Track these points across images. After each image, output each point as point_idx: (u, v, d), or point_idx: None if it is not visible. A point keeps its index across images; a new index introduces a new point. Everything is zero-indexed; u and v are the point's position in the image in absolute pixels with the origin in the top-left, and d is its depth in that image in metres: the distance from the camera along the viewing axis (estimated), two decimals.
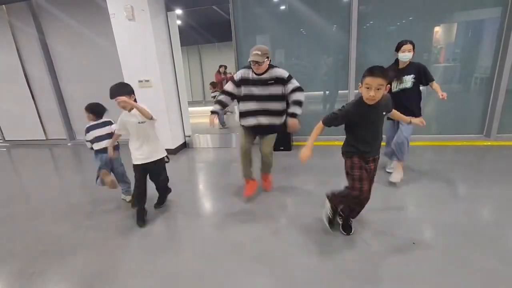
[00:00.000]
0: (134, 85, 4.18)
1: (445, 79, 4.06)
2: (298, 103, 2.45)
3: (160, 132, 3.38)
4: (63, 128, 5.73)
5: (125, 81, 4.19)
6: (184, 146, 4.91)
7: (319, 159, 3.75)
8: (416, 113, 2.71)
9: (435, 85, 2.75)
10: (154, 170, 2.54)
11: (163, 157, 2.56)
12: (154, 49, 4.02)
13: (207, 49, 11.18)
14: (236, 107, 2.76)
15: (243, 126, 2.69)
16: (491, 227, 2.17)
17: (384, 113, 1.85)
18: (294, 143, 4.50)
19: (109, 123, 2.79)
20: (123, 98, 2.19)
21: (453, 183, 2.88)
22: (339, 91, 4.41)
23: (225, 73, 7.53)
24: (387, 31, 4.01)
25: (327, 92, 4.50)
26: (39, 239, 2.43)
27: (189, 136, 4.95)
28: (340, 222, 2.23)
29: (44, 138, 5.98)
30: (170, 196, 2.99)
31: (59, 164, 4.83)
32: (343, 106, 1.85)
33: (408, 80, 2.73)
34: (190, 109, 4.99)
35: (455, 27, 3.89)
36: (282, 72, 2.48)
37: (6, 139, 6.24)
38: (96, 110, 2.77)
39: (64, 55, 5.30)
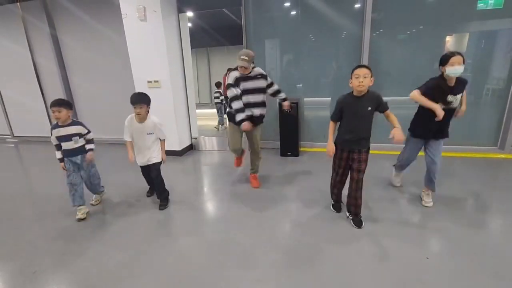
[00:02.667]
0: (143, 84, 4.23)
1: None
2: (278, 91, 3.07)
3: (167, 134, 3.39)
4: None
5: (135, 81, 4.27)
6: (191, 148, 4.90)
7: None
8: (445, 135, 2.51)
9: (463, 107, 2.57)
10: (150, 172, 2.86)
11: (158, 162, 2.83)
12: (165, 50, 4.03)
13: (216, 52, 11.24)
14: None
15: (233, 123, 2.94)
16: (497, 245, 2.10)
17: (369, 108, 2.13)
18: (302, 149, 4.46)
19: (77, 123, 2.67)
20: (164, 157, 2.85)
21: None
22: None
23: None
24: (398, 38, 3.97)
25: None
26: (43, 237, 2.42)
27: (196, 138, 4.94)
28: (351, 218, 2.42)
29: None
30: (175, 198, 2.97)
31: None
32: (336, 100, 2.25)
33: (457, 100, 2.38)
34: (197, 111, 4.99)
35: (467, 37, 3.84)
36: (260, 70, 2.94)
37: (14, 134, 6.31)
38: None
39: (75, 52, 5.34)
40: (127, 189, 3.32)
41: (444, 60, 2.27)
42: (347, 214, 2.45)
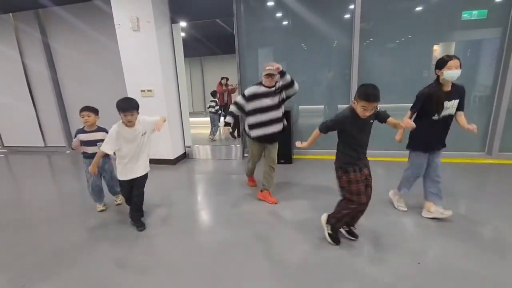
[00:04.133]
0: (137, 94, 4.23)
1: None
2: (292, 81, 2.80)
3: (161, 142, 3.39)
4: (62, 135, 5.71)
5: (128, 90, 4.27)
6: (184, 156, 4.89)
7: (321, 172, 3.74)
8: (444, 144, 2.45)
9: (462, 117, 2.37)
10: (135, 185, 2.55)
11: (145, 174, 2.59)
12: (158, 60, 4.06)
13: (209, 61, 11.33)
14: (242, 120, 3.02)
15: (253, 138, 2.91)
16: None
17: (371, 121, 2.01)
18: (295, 156, 4.48)
19: (102, 129, 2.84)
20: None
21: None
22: (340, 105, 4.43)
23: (226, 85, 7.58)
24: (387, 48, 4.08)
25: (327, 106, 4.53)
26: (33, 249, 2.37)
27: (189, 147, 4.93)
28: (346, 229, 2.30)
29: (43, 145, 5.95)
30: (168, 208, 2.94)
31: (56, 172, 4.77)
32: (336, 115, 2.05)
33: (453, 106, 2.30)
34: (191, 119, 4.99)
35: (453, 46, 3.96)
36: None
37: (4, 145, 6.20)
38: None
39: (68, 61, 5.33)
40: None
41: (441, 63, 2.21)
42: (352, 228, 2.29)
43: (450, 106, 2.28)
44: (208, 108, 6.35)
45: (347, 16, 4.05)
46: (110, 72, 4.91)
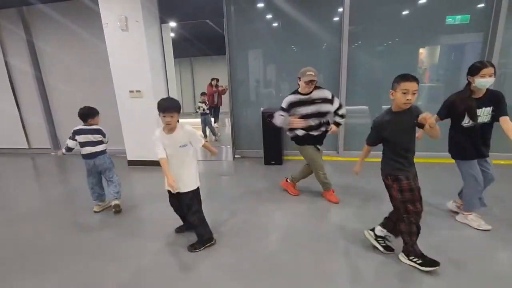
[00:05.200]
0: (125, 94, 4.17)
1: (430, 98, 4.21)
2: (344, 115, 2.85)
3: (150, 143, 3.31)
4: (47, 137, 5.56)
5: (116, 91, 4.20)
6: None
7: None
8: (487, 154, 2.28)
9: (507, 123, 2.11)
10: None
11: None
12: (147, 60, 4.01)
13: (200, 62, 11.29)
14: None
15: (307, 144, 2.86)
16: None
17: (414, 121, 1.79)
18: (285, 157, 4.50)
19: (102, 132, 2.86)
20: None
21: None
22: None
23: (217, 86, 7.56)
24: (375, 50, 4.16)
25: None
26: (17, 253, 2.29)
27: None
28: (382, 245, 2.07)
29: (27, 147, 5.77)
30: (158, 211, 2.90)
31: (41, 174, 4.64)
32: (373, 121, 1.95)
33: (487, 114, 2.16)
34: (181, 120, 4.94)
35: (438, 49, 4.08)
36: (327, 93, 2.78)
37: None
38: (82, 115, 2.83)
39: (53, 60, 5.19)
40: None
41: (474, 70, 2.10)
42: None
43: (482, 113, 2.15)
44: (198, 109, 6.29)
45: (336, 19, 4.11)
46: (98, 71, 4.82)
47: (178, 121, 2.11)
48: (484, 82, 2.07)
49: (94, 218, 2.86)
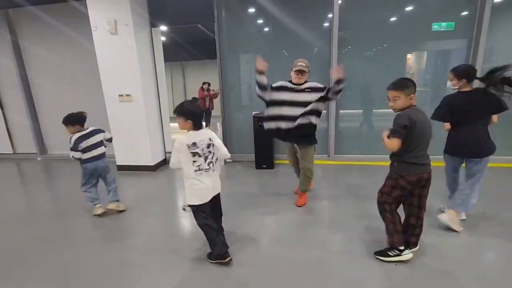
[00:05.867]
0: (115, 98, 4.11)
1: (417, 102, 4.26)
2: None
3: (140, 148, 3.31)
4: (33, 141, 5.41)
5: (105, 94, 4.13)
6: (165, 162, 4.77)
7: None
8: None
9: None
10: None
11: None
12: (137, 64, 3.97)
13: (191, 66, 11.25)
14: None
15: (266, 130, 2.79)
16: None
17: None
18: (276, 161, 4.50)
19: (100, 130, 2.88)
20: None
21: None
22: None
23: (208, 90, 7.55)
24: (364, 55, 4.24)
25: None
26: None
27: (170, 153, 4.82)
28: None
29: (11, 152, 5.60)
30: (148, 215, 2.85)
31: (26, 181, 4.50)
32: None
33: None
34: (172, 124, 4.90)
35: (425, 55, 4.19)
36: (317, 84, 2.75)
37: None
38: (81, 119, 2.78)
39: (40, 62, 5.07)
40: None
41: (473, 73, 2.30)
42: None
43: None
44: None
45: (326, 24, 4.17)
46: (87, 75, 4.73)
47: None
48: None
49: (83, 224, 2.79)
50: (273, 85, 2.79)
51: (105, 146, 2.91)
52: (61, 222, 2.87)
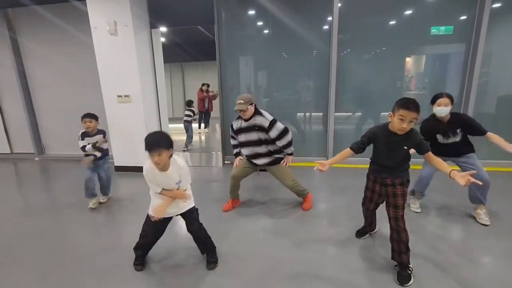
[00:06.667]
0: (113, 99, 4.10)
1: None
2: (288, 145, 2.72)
3: (138, 149, 3.29)
4: (31, 141, 5.38)
5: (104, 95, 4.12)
6: None
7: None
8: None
9: (493, 137, 2.32)
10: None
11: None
12: (136, 65, 3.96)
13: (190, 67, 11.25)
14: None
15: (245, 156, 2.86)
16: None
17: (405, 147, 1.81)
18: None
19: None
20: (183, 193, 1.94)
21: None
22: (318, 113, 4.54)
23: (207, 91, 7.55)
24: (363, 58, 4.25)
25: (307, 114, 4.62)
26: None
27: None
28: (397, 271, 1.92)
29: (9, 152, 5.58)
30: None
31: (23, 181, 4.47)
32: (368, 130, 1.97)
33: (457, 134, 2.44)
34: (171, 125, 4.90)
35: (424, 58, 4.21)
36: (263, 121, 2.64)
37: None
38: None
39: (38, 62, 5.05)
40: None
41: (433, 99, 2.43)
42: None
43: (452, 135, 2.44)
44: (185, 116, 6.14)
45: (326, 27, 4.18)
46: (86, 75, 4.72)
47: (171, 155, 1.88)
48: (439, 110, 2.38)
49: (80, 225, 2.77)
50: (234, 128, 2.85)
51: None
52: (55, 219, 2.86)
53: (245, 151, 2.81)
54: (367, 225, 2.35)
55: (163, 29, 4.50)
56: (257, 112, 2.69)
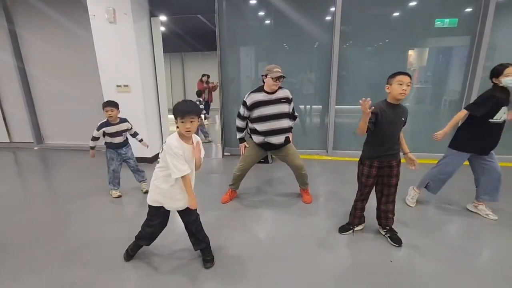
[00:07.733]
0: (112, 89, 4.06)
1: (418, 99, 4.29)
2: (294, 118, 2.85)
3: (137, 141, 3.30)
4: (30, 130, 5.36)
5: (102, 84, 4.08)
6: None
7: None
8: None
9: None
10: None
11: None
12: (135, 54, 3.91)
13: (191, 57, 11.13)
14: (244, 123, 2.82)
15: (255, 143, 2.76)
16: None
17: (403, 118, 2.01)
18: (273, 155, 4.49)
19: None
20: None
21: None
22: (319, 106, 4.51)
23: (207, 82, 7.49)
24: (366, 50, 4.19)
25: (307, 106, 4.59)
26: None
27: None
28: (388, 235, 2.23)
29: (8, 141, 5.56)
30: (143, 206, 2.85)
31: (22, 170, 4.47)
32: (373, 108, 1.93)
33: (504, 113, 2.32)
34: (170, 116, 4.86)
35: (427, 51, 4.15)
36: (288, 93, 2.71)
37: None
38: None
39: (37, 51, 4.97)
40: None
41: (499, 71, 2.25)
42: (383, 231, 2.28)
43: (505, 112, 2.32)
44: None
45: (328, 18, 4.11)
46: (84, 64, 4.66)
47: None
48: (509, 80, 2.20)
49: (82, 215, 2.78)
50: (247, 103, 2.64)
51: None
52: (55, 209, 2.87)
53: (264, 126, 2.61)
54: (355, 219, 2.33)
55: (163, 18, 4.42)
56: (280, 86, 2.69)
